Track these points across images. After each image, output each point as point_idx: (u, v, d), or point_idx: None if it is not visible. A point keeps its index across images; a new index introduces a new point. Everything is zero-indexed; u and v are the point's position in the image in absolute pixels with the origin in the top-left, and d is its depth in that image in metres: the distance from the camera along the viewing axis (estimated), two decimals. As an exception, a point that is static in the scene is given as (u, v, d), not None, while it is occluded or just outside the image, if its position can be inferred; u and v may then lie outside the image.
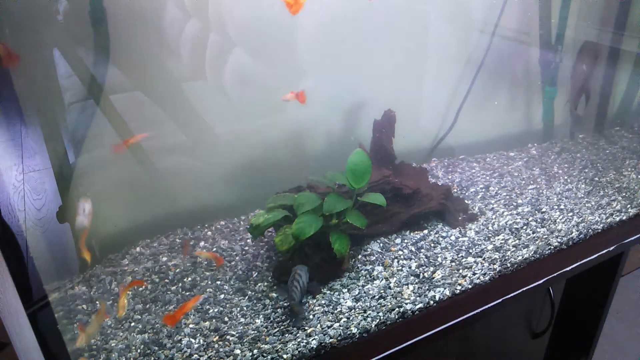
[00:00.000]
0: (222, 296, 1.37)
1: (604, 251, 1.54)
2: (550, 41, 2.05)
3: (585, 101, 1.93)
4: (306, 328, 1.24)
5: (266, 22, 1.57)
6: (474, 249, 1.50)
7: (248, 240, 1.60)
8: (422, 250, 1.51)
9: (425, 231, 1.60)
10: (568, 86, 2.17)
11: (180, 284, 1.41)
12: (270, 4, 1.54)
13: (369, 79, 1.80)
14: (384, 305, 1.30)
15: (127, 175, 1.54)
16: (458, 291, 1.35)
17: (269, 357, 1.16)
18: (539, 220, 1.64)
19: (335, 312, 1.29)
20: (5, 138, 1.26)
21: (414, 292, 1.34)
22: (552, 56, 2.06)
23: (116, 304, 1.34)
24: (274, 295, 1.36)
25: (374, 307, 1.30)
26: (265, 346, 1.19)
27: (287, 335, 1.22)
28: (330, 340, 1.20)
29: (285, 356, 1.16)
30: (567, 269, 1.47)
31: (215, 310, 1.31)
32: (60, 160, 1.40)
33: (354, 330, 1.23)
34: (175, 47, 1.52)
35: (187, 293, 1.38)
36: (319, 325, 1.24)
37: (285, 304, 1.32)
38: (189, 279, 1.43)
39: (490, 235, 1.57)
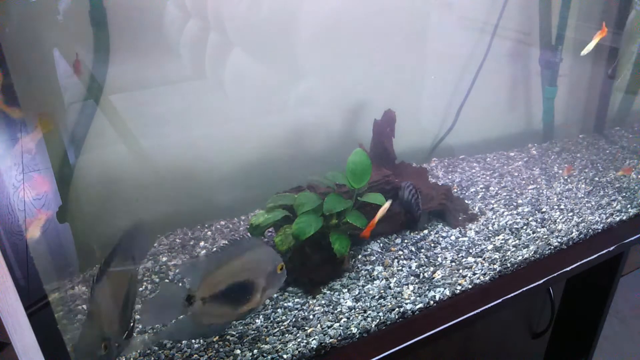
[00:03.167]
0: (222, 296, 1.37)
1: (604, 251, 1.54)
2: (550, 41, 2.05)
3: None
4: (306, 328, 1.24)
5: (266, 22, 1.57)
6: (474, 249, 1.50)
7: (248, 240, 1.60)
8: (422, 250, 1.51)
9: (426, 231, 1.60)
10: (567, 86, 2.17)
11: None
12: (270, 3, 1.54)
13: (369, 79, 1.80)
14: (384, 305, 1.30)
15: (127, 175, 1.54)
16: (458, 291, 1.35)
17: (269, 357, 1.16)
18: (539, 220, 1.64)
19: (335, 312, 1.29)
20: (5, 138, 1.26)
21: (414, 292, 1.34)
22: (552, 56, 2.06)
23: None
24: (274, 295, 1.36)
25: (374, 307, 1.30)
26: (265, 346, 1.19)
27: (287, 335, 1.22)
28: (330, 340, 1.20)
29: (285, 356, 1.16)
30: (567, 269, 1.47)
31: (215, 310, 1.31)
32: (60, 160, 1.40)
33: (354, 330, 1.23)
34: (175, 47, 1.52)
35: (187, 293, 1.38)
36: (319, 325, 1.24)
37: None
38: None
39: (490, 235, 1.57)
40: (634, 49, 2.05)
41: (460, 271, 1.41)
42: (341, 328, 1.23)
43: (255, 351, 1.17)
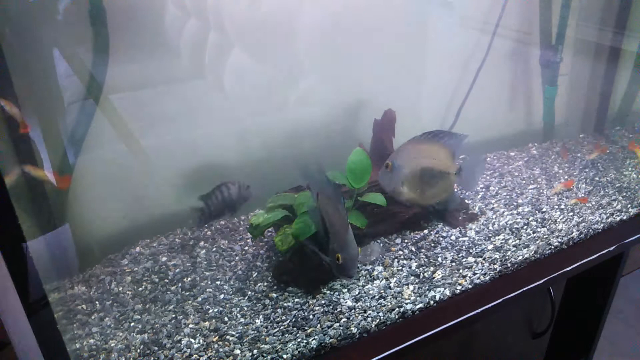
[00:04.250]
0: (222, 296, 1.37)
1: (605, 251, 1.54)
2: (551, 41, 2.05)
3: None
4: (306, 328, 1.24)
5: (266, 22, 1.56)
6: (474, 249, 1.50)
7: (248, 240, 1.60)
8: (422, 250, 1.51)
9: (426, 231, 1.60)
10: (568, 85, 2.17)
11: (180, 284, 1.41)
12: (270, 3, 1.54)
13: (369, 78, 1.80)
14: (384, 305, 1.30)
15: (127, 175, 1.54)
16: (458, 291, 1.35)
17: (269, 357, 1.16)
18: (539, 220, 1.64)
19: (335, 312, 1.29)
20: (5, 138, 1.26)
21: (414, 292, 1.34)
22: (552, 56, 2.06)
23: (116, 303, 1.34)
24: (274, 295, 1.36)
25: (374, 307, 1.29)
26: (265, 346, 1.18)
27: (287, 335, 1.22)
28: (330, 340, 1.20)
29: (285, 356, 1.16)
30: (568, 269, 1.47)
31: (215, 310, 1.31)
32: (60, 160, 1.40)
33: (354, 330, 1.23)
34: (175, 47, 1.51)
35: (187, 293, 1.38)
36: (319, 325, 1.24)
37: (285, 304, 1.32)
38: (189, 279, 1.43)
39: (490, 235, 1.57)
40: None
41: (461, 271, 1.41)
42: (341, 328, 1.23)
43: (255, 351, 1.17)
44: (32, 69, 1.29)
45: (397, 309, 1.28)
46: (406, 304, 1.30)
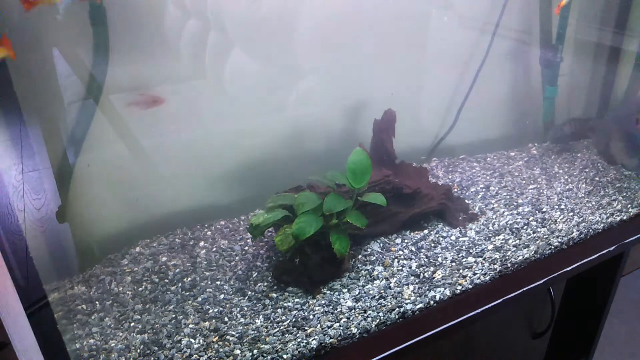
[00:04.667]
0: (222, 296, 1.37)
1: (605, 251, 1.54)
2: (551, 41, 2.05)
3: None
4: (306, 328, 1.24)
5: (266, 22, 1.56)
6: (474, 249, 1.50)
7: (248, 240, 1.60)
8: (423, 250, 1.51)
9: (426, 231, 1.60)
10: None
11: (180, 284, 1.41)
12: (270, 3, 1.54)
13: (369, 78, 1.80)
14: (384, 305, 1.30)
15: (127, 175, 1.54)
16: (458, 291, 1.35)
17: (269, 357, 1.16)
18: (539, 220, 1.64)
19: (335, 312, 1.29)
20: (5, 138, 1.26)
21: (414, 292, 1.34)
22: (552, 56, 2.06)
23: (116, 303, 1.34)
24: (274, 295, 1.36)
25: (374, 307, 1.29)
26: (265, 346, 1.18)
27: (287, 335, 1.22)
28: (330, 340, 1.20)
29: (285, 356, 1.16)
30: (568, 269, 1.47)
31: (215, 310, 1.31)
32: (60, 160, 1.40)
33: (354, 330, 1.23)
34: (175, 47, 1.51)
35: (187, 293, 1.38)
36: (319, 325, 1.24)
37: (285, 304, 1.32)
38: (189, 279, 1.43)
39: (490, 235, 1.57)
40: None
41: (461, 271, 1.41)
42: (341, 328, 1.23)
43: (255, 351, 1.17)
44: (32, 68, 1.28)
45: (397, 309, 1.28)
46: (406, 304, 1.30)
